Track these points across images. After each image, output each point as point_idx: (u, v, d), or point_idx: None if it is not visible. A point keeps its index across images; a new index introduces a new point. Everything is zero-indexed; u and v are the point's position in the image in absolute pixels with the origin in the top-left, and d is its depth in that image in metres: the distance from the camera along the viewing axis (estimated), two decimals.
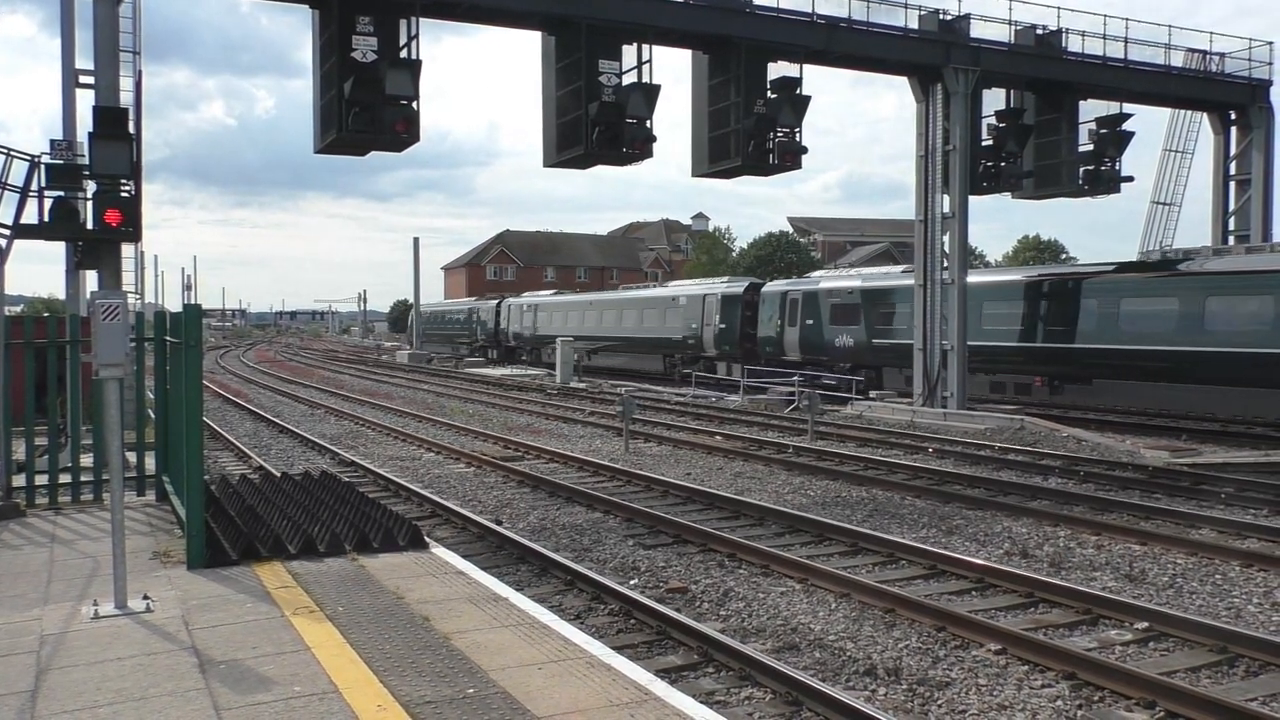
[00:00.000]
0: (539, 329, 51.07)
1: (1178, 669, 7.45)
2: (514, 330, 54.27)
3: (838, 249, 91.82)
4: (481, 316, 60.41)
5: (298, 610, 6.86)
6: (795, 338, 33.40)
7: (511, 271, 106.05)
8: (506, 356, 56.77)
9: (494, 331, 57.67)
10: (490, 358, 58.65)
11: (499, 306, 57.82)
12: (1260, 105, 27.70)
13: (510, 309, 55.57)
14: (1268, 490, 14.75)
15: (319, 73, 18.19)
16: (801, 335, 33.11)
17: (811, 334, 32.65)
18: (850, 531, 11.87)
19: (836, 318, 31.69)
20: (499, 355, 57.92)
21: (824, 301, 32.31)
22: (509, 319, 55.19)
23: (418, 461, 18.76)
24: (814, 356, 32.34)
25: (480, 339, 60.59)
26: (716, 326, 36.50)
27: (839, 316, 31.61)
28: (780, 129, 21.03)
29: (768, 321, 34.86)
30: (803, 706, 6.57)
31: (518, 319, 53.85)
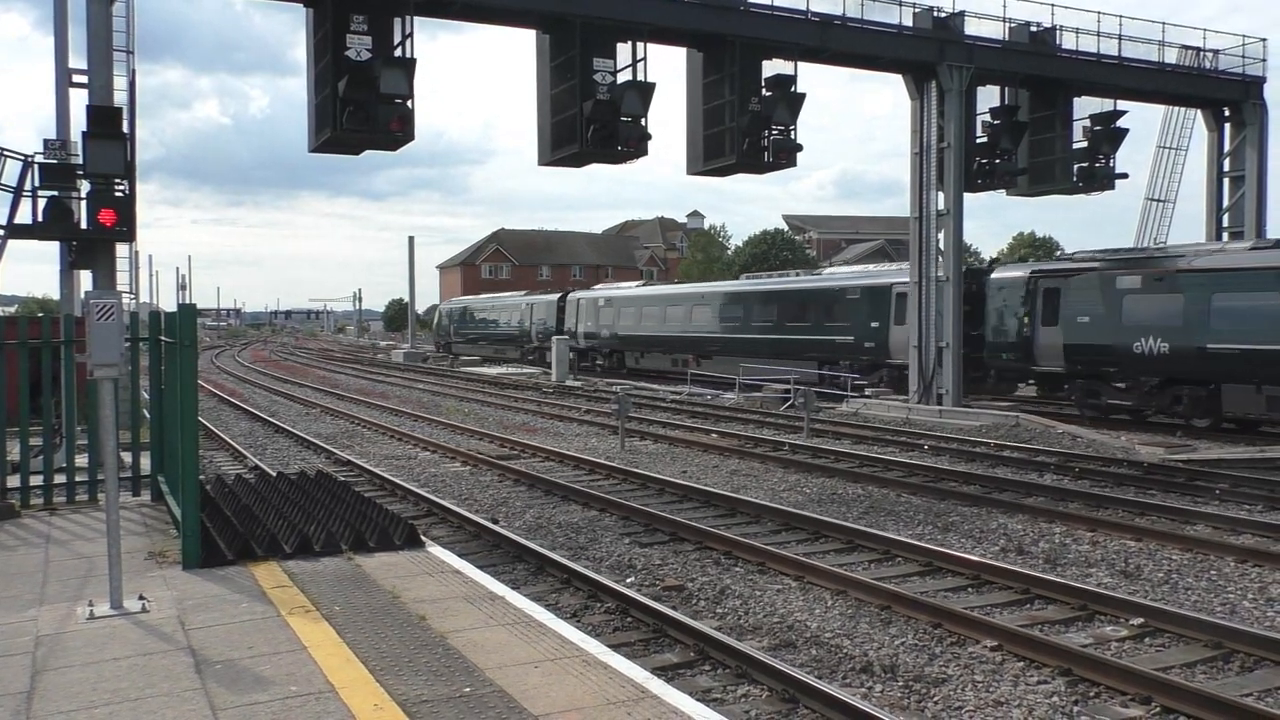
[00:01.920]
0: (621, 329, 43.31)
1: (1173, 665, 7.46)
2: (585, 330, 46.10)
3: (833, 247, 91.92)
4: (539, 314, 51.45)
5: (294, 610, 6.85)
6: (1055, 340, 24.10)
7: (506, 270, 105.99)
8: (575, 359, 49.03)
9: (554, 331, 48.51)
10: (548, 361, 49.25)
11: (563, 302, 49.45)
12: (1254, 102, 27.77)
13: (580, 305, 47.22)
14: (1262, 486, 14.80)
15: (313, 71, 18.17)
16: (1072, 336, 23.65)
17: (1089, 334, 23.26)
18: (846, 529, 11.88)
19: (1139, 313, 22.17)
20: None
21: (1117, 289, 22.71)
22: (577, 317, 47.01)
23: (414, 460, 18.75)
24: (1097, 367, 23.35)
25: (536, 341, 51.25)
26: None
27: (1144, 312, 22.07)
28: (775, 127, 21.07)
29: (1008, 317, 25.58)
30: (799, 704, 6.57)
31: (589, 316, 45.86)
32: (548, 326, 49.67)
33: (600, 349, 45.76)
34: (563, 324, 48.35)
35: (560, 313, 49.10)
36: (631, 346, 42.98)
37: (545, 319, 50.55)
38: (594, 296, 47.23)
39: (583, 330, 46.57)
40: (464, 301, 67.29)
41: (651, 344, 41.43)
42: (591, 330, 45.79)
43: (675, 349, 39.87)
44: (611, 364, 44.88)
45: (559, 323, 48.75)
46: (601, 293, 47.56)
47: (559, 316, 48.97)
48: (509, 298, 59.02)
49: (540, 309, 51.61)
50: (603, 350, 45.56)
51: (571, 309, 48.28)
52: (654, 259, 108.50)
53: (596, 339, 45.57)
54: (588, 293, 48.89)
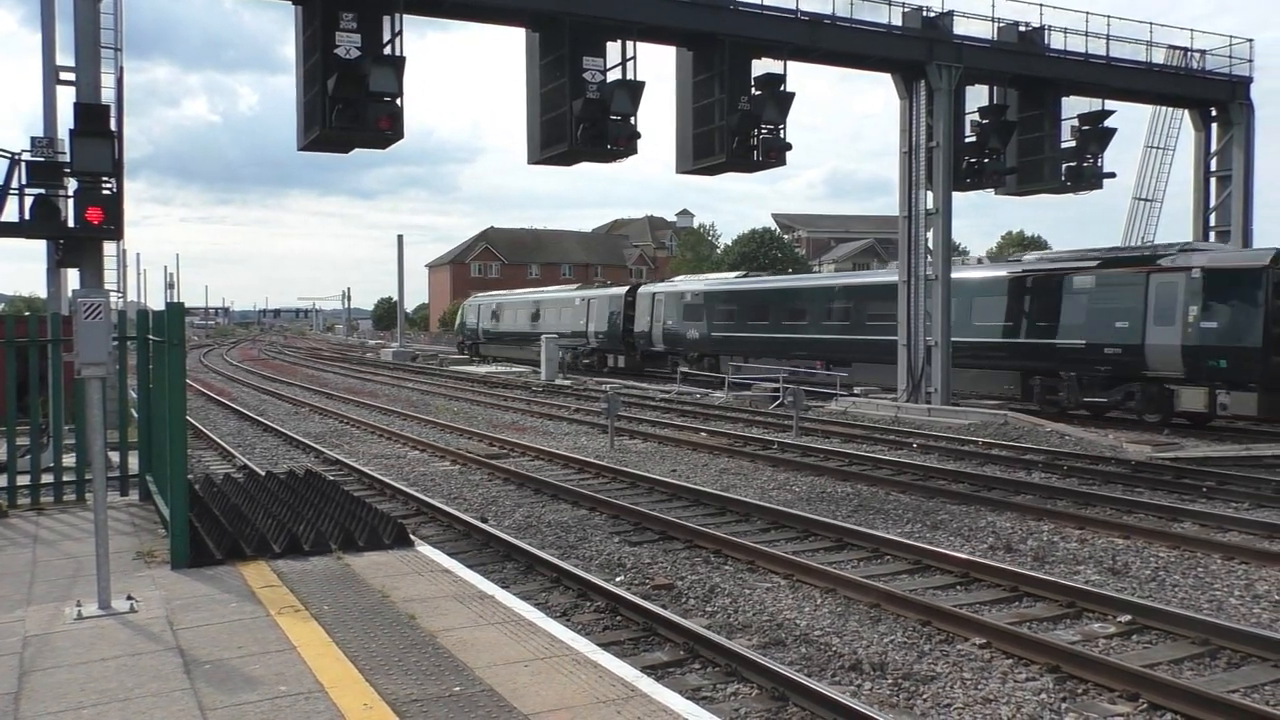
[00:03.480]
0: (714, 329, 37.10)
1: (1160, 661, 7.50)
2: (664, 329, 39.85)
3: (822, 245, 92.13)
4: (599, 311, 44.69)
5: (283, 609, 6.84)
6: None
7: (496, 269, 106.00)
8: (640, 366, 42.44)
9: (621, 331, 42.85)
10: (612, 367, 44.29)
11: (632, 296, 42.87)
12: (1240, 102, 27.88)
13: (657, 300, 40.55)
14: (1249, 484, 14.89)
15: (302, 69, 18.12)
16: None
17: None
18: (835, 527, 11.90)
19: None
20: (627, 363, 43.12)
21: None
22: (652, 314, 40.66)
23: (403, 459, 18.72)
24: None
25: (596, 342, 44.95)
26: (1198, 323, 21.03)
27: None
28: (764, 125, 21.07)
29: None
30: (789, 702, 6.59)
31: (671, 313, 39.51)
32: (612, 325, 43.44)
33: (685, 352, 38.62)
34: (631, 322, 42.20)
35: (628, 308, 42.54)
36: (733, 350, 35.95)
37: (608, 317, 43.87)
38: (677, 290, 40.23)
39: (661, 330, 40.10)
40: (496, 297, 59.00)
41: (765, 347, 34.28)
42: (675, 330, 39.15)
43: (796, 352, 32.52)
44: (701, 368, 37.29)
45: (626, 321, 42.51)
46: (688, 285, 40.43)
47: (626, 314, 42.52)
48: (557, 292, 51.97)
49: (600, 305, 44.74)
50: (689, 355, 38.35)
51: (644, 305, 41.51)
52: (643, 258, 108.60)
53: (681, 341, 38.75)
54: (666, 286, 41.95)
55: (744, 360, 34.50)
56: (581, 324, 45.72)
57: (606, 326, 43.70)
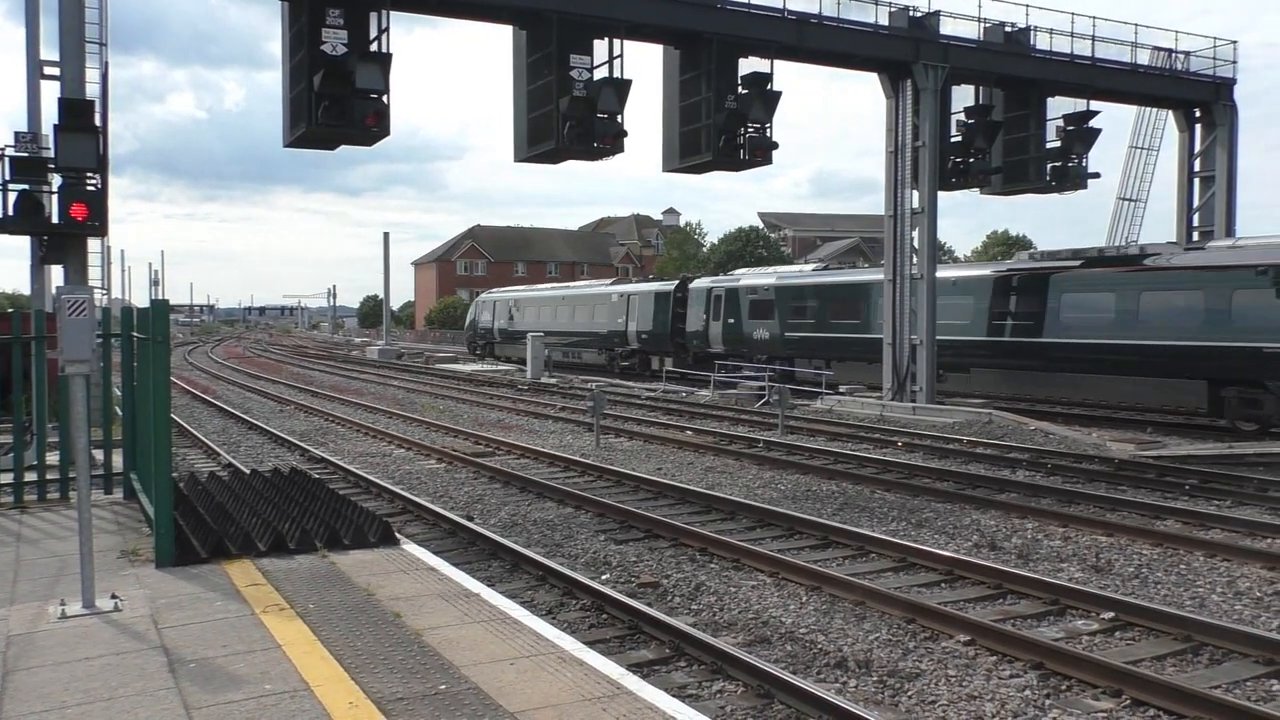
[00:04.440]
0: (790, 329, 32.31)
1: (1143, 658, 7.56)
2: (724, 329, 35.21)
3: (808, 244, 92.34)
4: (641, 309, 39.64)
5: (268, 608, 6.82)
6: None
7: (482, 267, 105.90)
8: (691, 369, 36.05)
9: (669, 331, 38.22)
10: (657, 370, 38.74)
11: (681, 292, 38.14)
12: (1224, 103, 28.06)
13: (716, 296, 35.87)
14: (1231, 481, 15.00)
15: (288, 66, 18.04)
16: None
17: None
18: (821, 525, 11.94)
19: None
20: (677, 366, 36.95)
21: None
22: (710, 311, 36.07)
23: (388, 458, 18.68)
24: None
25: (638, 343, 40.22)
26: None
27: None
28: (751, 124, 21.09)
29: None
30: (774, 699, 6.61)
31: (734, 310, 34.85)
32: (658, 324, 38.71)
33: (751, 354, 34.07)
34: (682, 321, 37.74)
35: (678, 305, 37.94)
36: (814, 352, 31.43)
37: (653, 315, 39.00)
38: (743, 284, 34.82)
39: (721, 329, 35.44)
40: (514, 293, 53.78)
41: (860, 350, 29.21)
42: (738, 329, 34.49)
43: None
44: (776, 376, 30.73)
45: (675, 320, 37.92)
46: (757, 279, 35.09)
47: (676, 311, 37.94)
48: (588, 288, 47.87)
49: (644, 302, 39.60)
50: (756, 357, 33.75)
51: (698, 302, 36.80)
52: (629, 256, 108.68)
53: (746, 342, 34.11)
54: (729, 280, 36.77)
55: (826, 365, 30.67)
56: (620, 323, 40.97)
57: (652, 325, 38.96)
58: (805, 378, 30.64)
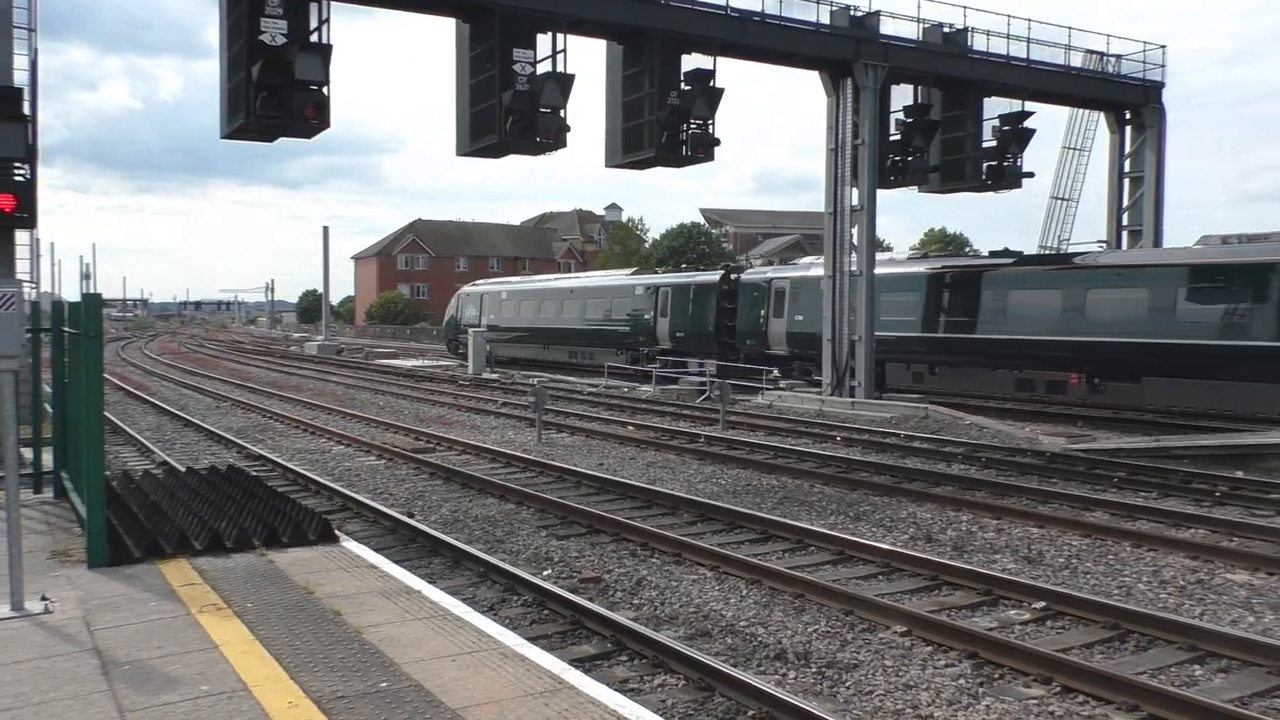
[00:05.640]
0: (880, 327, 26.03)
1: (1073, 646, 7.76)
2: (788, 327, 30.22)
3: (749, 241, 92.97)
4: (674, 301, 34.73)
5: (204, 608, 6.73)
6: None
7: (423, 261, 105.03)
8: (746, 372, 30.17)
9: (714, 330, 33.02)
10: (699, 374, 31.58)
11: (728, 284, 33.04)
12: (1153, 106, 28.76)
13: (778, 290, 30.77)
14: (1157, 474, 15.42)
15: (226, 55, 17.73)
16: None
17: None
18: (761, 519, 12.06)
19: None
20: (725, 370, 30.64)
21: None
22: (770, 306, 30.96)
23: (328, 455, 18.48)
24: None
25: (672, 343, 34.77)
26: None
27: None
28: (694, 120, 21.17)
29: None
30: (715, 692, 6.68)
31: (805, 306, 29.32)
32: (698, 322, 33.70)
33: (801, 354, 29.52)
34: (731, 317, 32.67)
35: (725, 299, 32.89)
36: (913, 355, 26.94)
37: (690, 311, 34.05)
38: (812, 276, 28.98)
39: (784, 327, 30.23)
40: (505, 285, 48.71)
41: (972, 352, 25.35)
42: (809, 328, 28.62)
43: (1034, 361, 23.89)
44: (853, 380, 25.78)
45: (721, 316, 32.83)
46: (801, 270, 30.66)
47: (722, 306, 32.88)
48: (602, 279, 42.06)
49: (679, 296, 34.55)
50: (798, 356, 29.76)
51: (750, 296, 31.82)
52: (572, 251, 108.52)
53: (818, 343, 27.08)
54: (794, 270, 31.20)
55: (929, 369, 26.52)
56: (647, 319, 35.73)
57: (690, 323, 33.91)
58: (745, 373, 30.35)
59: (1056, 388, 23.39)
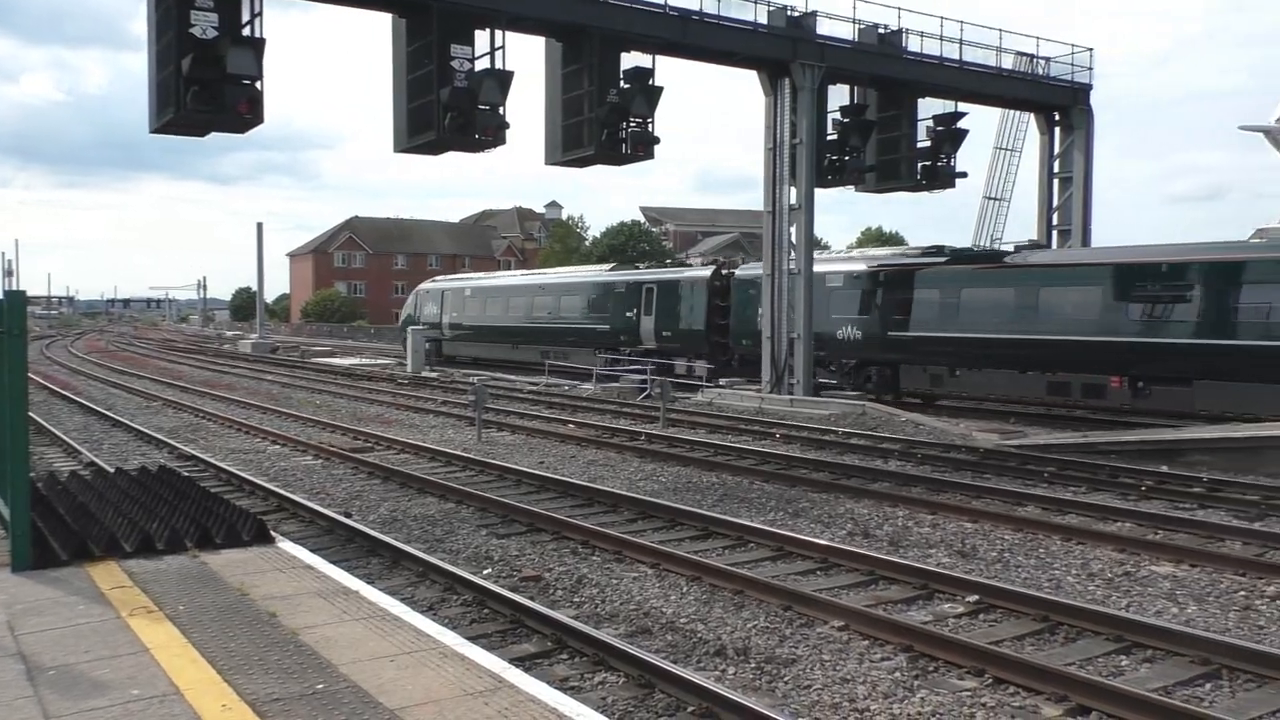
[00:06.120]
0: (893, 326, 25.67)
1: (1005, 638, 7.92)
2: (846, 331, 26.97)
3: (689, 239, 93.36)
4: (660, 299, 33.04)
5: (135, 611, 6.59)
6: None
7: (360, 259, 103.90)
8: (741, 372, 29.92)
9: (706, 329, 31.36)
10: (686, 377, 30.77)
11: (720, 281, 31.42)
12: (1081, 108, 29.43)
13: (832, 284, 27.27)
14: (1085, 469, 15.79)
15: (155, 48, 17.36)
16: None
17: None
18: (701, 516, 12.12)
19: None
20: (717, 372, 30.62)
21: None
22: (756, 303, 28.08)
23: (262, 454, 18.19)
24: None
25: (658, 342, 33.04)
26: None
27: None
28: (633, 119, 21.22)
29: None
30: (655, 689, 6.70)
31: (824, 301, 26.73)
32: (689, 321, 32.00)
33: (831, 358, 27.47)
34: (725, 316, 31.02)
35: (716, 297, 31.30)
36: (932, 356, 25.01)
37: (681, 309, 32.40)
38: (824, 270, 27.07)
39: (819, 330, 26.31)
40: (469, 281, 46.94)
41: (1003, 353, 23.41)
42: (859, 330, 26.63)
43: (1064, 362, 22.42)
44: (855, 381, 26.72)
45: (713, 315, 31.17)
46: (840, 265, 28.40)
47: (713, 304, 31.25)
48: (575, 274, 40.71)
49: (666, 294, 32.93)
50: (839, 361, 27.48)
51: (747, 292, 29.56)
52: (512, 249, 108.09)
53: (825, 342, 26.52)
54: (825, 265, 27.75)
55: (949, 372, 24.76)
56: (629, 316, 34.01)
57: (680, 321, 32.43)
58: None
59: (1094, 391, 21.93)
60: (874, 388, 26.16)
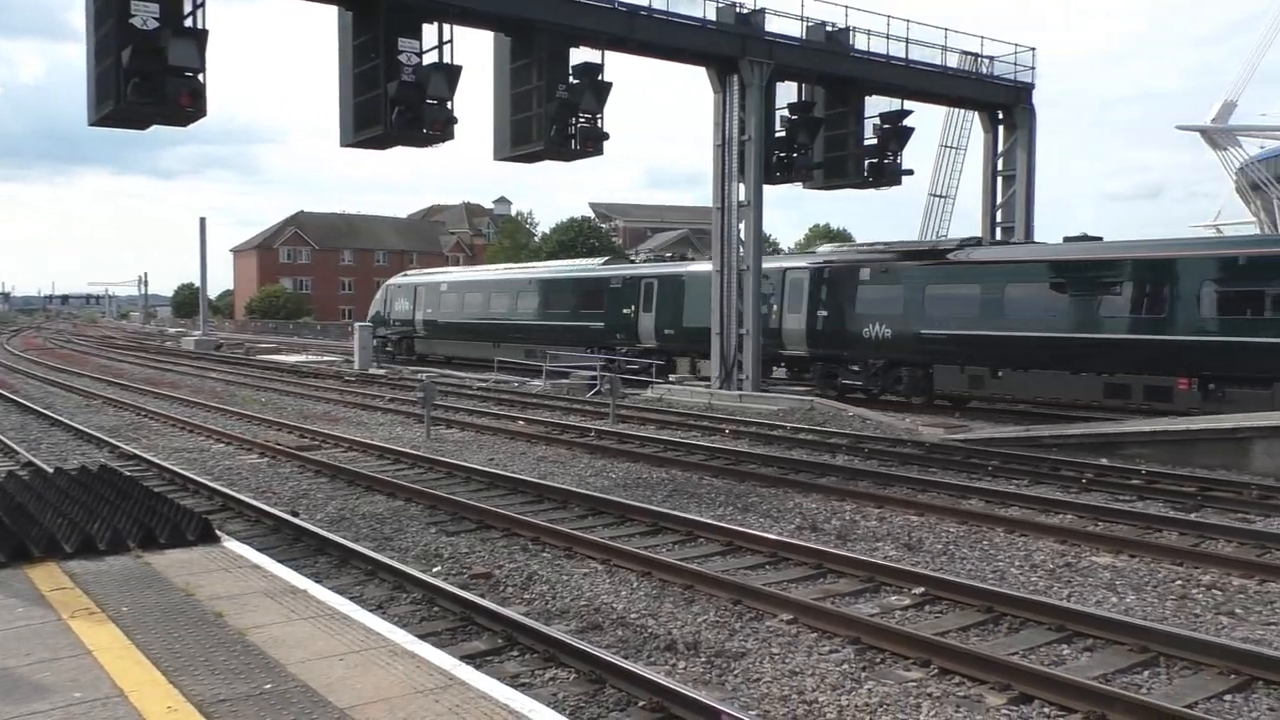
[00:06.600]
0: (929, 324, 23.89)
1: (950, 629, 8.05)
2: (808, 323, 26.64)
3: (639, 235, 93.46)
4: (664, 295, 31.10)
5: (76, 613, 6.48)
6: None
7: (306, 255, 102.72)
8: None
9: None
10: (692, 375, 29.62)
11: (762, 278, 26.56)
12: (1023, 106, 29.90)
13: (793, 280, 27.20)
14: (1029, 462, 16.07)
15: (93, 39, 17.01)
16: None
17: None
18: (651, 512, 12.16)
19: None
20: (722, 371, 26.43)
21: None
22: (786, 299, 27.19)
23: (207, 453, 17.91)
24: None
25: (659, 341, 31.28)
26: None
27: None
28: (582, 114, 21.17)
29: None
30: (606, 684, 6.72)
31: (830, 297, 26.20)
32: (686, 317, 29.88)
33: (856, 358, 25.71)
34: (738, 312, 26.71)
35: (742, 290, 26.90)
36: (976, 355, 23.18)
37: (678, 305, 30.52)
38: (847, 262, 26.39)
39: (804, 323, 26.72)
40: (444, 275, 44.52)
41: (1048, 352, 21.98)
42: (836, 325, 26.00)
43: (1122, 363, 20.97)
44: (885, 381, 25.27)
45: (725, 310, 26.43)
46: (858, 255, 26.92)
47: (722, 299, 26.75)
48: (567, 268, 38.84)
49: (664, 289, 31.10)
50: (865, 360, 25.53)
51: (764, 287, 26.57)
52: (460, 245, 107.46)
53: (850, 341, 25.51)
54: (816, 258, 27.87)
55: (991, 373, 22.96)
56: (626, 314, 32.31)
57: (682, 319, 30.55)
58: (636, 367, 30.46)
59: (1159, 394, 20.18)
60: (904, 389, 24.91)
